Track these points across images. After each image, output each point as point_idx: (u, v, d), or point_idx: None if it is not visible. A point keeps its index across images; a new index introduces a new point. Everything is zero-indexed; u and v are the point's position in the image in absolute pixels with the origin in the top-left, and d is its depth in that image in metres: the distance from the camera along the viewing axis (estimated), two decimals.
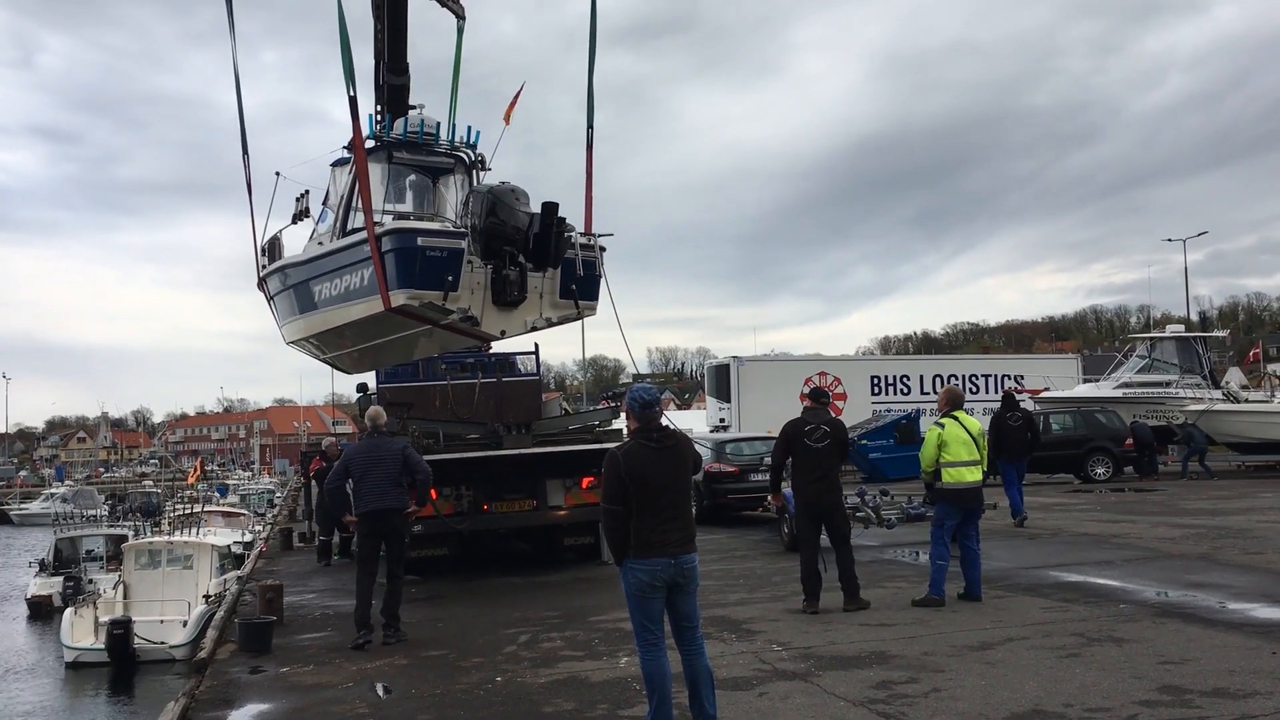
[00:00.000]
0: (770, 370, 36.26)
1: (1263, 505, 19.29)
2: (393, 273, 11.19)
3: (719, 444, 20.55)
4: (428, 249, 11.26)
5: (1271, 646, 7.82)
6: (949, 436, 10.15)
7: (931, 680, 7.27)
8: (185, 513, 30.03)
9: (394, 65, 13.44)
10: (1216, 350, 33.48)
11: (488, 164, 13.73)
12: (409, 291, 11.18)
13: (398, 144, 12.85)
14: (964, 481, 10.18)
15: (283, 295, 13.70)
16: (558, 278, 12.35)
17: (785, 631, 9.22)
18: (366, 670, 8.65)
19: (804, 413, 10.59)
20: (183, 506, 32.92)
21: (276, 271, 13.75)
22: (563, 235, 11.94)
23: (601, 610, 10.72)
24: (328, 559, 16.58)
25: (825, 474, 10.18)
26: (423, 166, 13.56)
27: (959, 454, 10.14)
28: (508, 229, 11.56)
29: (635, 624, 6.07)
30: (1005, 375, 38.43)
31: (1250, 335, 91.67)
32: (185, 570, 22.58)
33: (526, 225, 11.68)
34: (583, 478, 13.55)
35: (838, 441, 10.27)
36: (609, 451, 6.19)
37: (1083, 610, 9.59)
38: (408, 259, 11.19)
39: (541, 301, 12.34)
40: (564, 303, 12.51)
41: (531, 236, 11.68)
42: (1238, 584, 10.73)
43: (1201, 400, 28.40)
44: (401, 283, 11.16)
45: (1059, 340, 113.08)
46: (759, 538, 16.66)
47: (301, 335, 13.48)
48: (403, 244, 11.25)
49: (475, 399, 15.19)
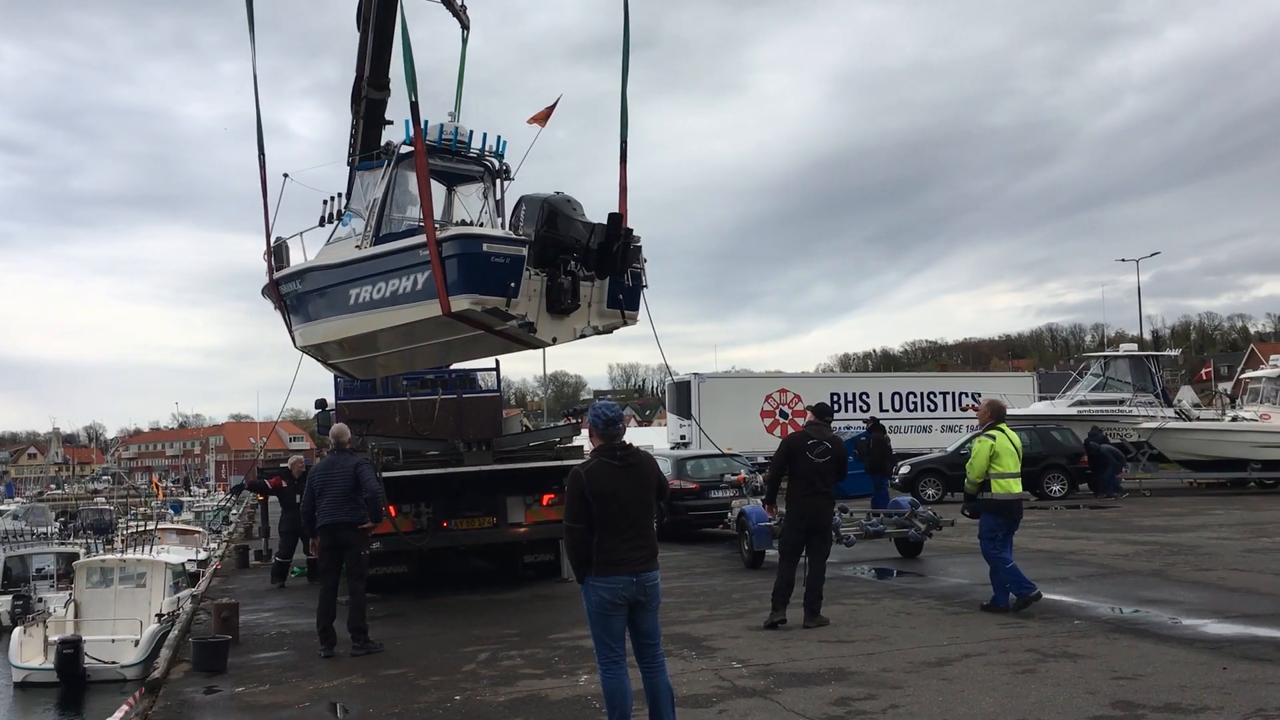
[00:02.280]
0: (731, 387, 36.41)
1: (1214, 522, 19.60)
2: (456, 277, 11.12)
3: (679, 461, 20.59)
4: (492, 255, 11.22)
5: (1222, 662, 7.95)
6: (1000, 448, 10.38)
7: (890, 697, 7.32)
8: (138, 530, 29.57)
9: (376, 79, 13.41)
10: (1169, 369, 34.08)
11: (512, 174, 13.72)
12: (472, 296, 11.11)
13: (432, 150, 12.85)
14: (1012, 493, 10.43)
15: (304, 298, 13.43)
16: (606, 287, 12.40)
17: (745, 648, 9.24)
18: (324, 689, 8.56)
19: (807, 426, 10.76)
20: (136, 524, 32.41)
21: (295, 275, 13.51)
22: (629, 246, 12.09)
23: (561, 628, 10.69)
24: (282, 580, 16.25)
25: (823, 489, 10.26)
26: (454, 174, 13.54)
27: (1008, 465, 10.38)
28: (567, 238, 11.77)
29: (596, 641, 6.07)
30: (963, 393, 38.86)
31: (1202, 354, 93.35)
32: (138, 589, 22.20)
33: (587, 234, 11.87)
34: (543, 495, 13.53)
35: (837, 458, 10.35)
36: (572, 470, 6.20)
37: (1038, 626, 9.70)
38: (472, 264, 11.14)
39: (590, 310, 12.40)
40: (610, 311, 12.53)
41: (597, 246, 11.85)
42: (1189, 600, 10.90)
43: (1154, 418, 28.84)
44: (465, 287, 11.09)
45: (1015, 358, 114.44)
46: (719, 555, 16.70)
47: (326, 339, 13.19)
48: (468, 249, 11.20)
49: (435, 415, 15.12)
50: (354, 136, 13.73)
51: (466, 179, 13.69)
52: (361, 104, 13.60)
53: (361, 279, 12.25)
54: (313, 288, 13.18)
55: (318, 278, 13.10)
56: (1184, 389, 38.69)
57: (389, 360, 13.49)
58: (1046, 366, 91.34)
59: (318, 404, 19.21)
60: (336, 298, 12.66)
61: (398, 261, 11.85)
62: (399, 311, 11.81)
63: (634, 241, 12.19)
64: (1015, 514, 10.59)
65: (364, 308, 12.23)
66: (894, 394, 38.41)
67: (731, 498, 17.36)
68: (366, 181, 13.15)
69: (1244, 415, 29.26)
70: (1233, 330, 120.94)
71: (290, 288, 13.63)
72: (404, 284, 11.71)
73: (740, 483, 18.18)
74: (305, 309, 13.45)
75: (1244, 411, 29.76)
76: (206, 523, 45.14)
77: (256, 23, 13.74)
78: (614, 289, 12.40)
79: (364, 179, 13.25)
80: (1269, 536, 16.82)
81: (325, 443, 10.20)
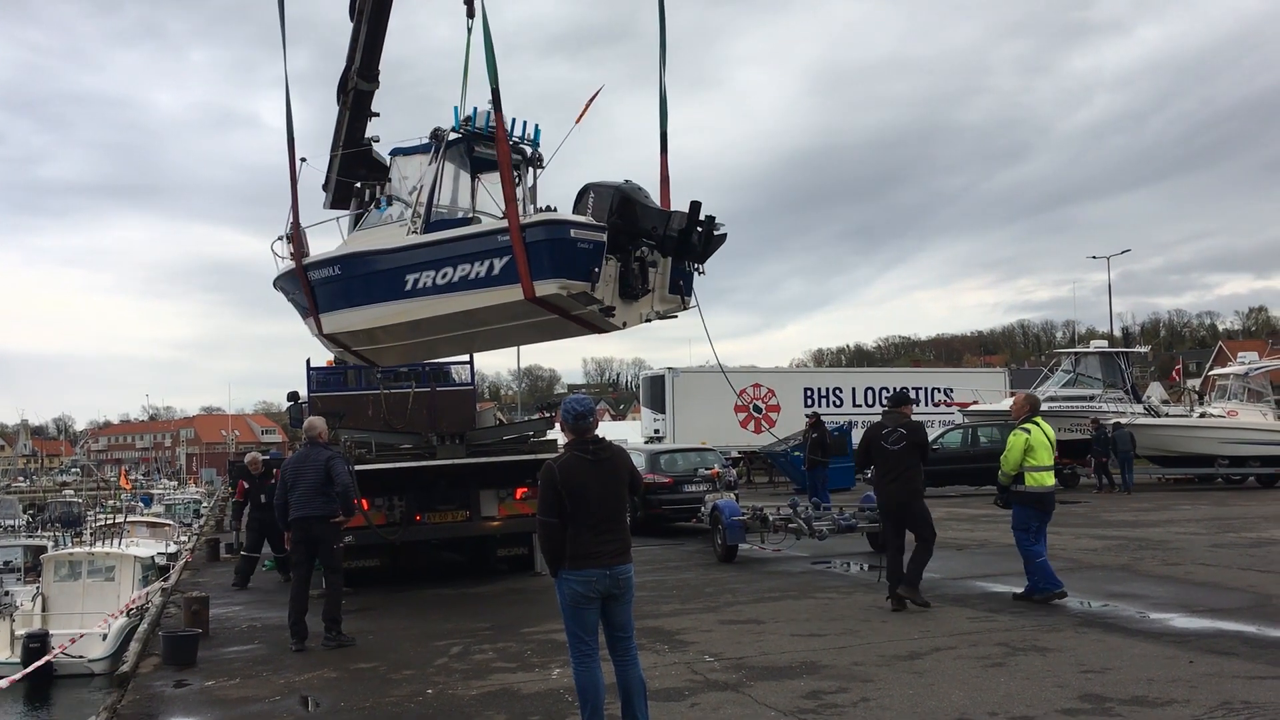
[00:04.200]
0: (705, 382, 36.44)
1: (1181, 517, 19.83)
2: (543, 262, 11.26)
3: (654, 455, 20.61)
4: (578, 240, 11.36)
5: (1189, 655, 8.04)
6: (1035, 441, 10.50)
7: (861, 690, 7.36)
8: (108, 523, 29.34)
9: (366, 71, 13.33)
10: (1138, 365, 34.36)
11: (544, 162, 13.72)
12: (559, 281, 11.24)
13: (479, 136, 12.83)
14: (1045, 485, 10.56)
15: (345, 284, 13.19)
16: (668, 272, 12.50)
17: (718, 642, 9.27)
18: (295, 683, 8.52)
19: (883, 416, 10.98)
20: (105, 516, 32.15)
21: (333, 261, 13.31)
22: (713, 232, 12.14)
23: (534, 621, 10.68)
24: (244, 581, 15.26)
25: (900, 474, 10.53)
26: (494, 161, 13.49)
27: (1043, 459, 10.50)
28: (643, 224, 11.90)
29: (569, 635, 6.07)
30: (936, 388, 39.14)
31: (1171, 351, 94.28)
32: (107, 582, 22.04)
33: (661, 221, 11.99)
34: (516, 488, 13.50)
35: (913, 443, 10.57)
36: (545, 464, 6.19)
37: (1008, 620, 9.78)
38: (560, 249, 11.28)
39: (653, 295, 12.49)
40: (672, 297, 12.63)
41: (677, 232, 11.94)
42: (1157, 594, 11.02)
43: (1124, 414, 29.10)
44: (552, 272, 11.22)
45: (987, 354, 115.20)
46: (693, 549, 16.73)
47: (369, 325, 13.02)
48: (555, 234, 11.33)
49: (408, 409, 15.06)
50: (339, 127, 13.62)
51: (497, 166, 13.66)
52: (349, 95, 13.50)
53: (423, 264, 12.18)
54: (357, 273, 12.98)
55: (363, 263, 12.91)
56: (1153, 385, 39.08)
57: (436, 346, 13.50)
58: (1018, 362, 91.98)
59: (290, 397, 19.09)
60: (389, 283, 12.51)
61: (471, 247, 11.91)
62: (470, 296, 11.86)
63: (717, 228, 12.24)
64: (1048, 506, 10.71)
65: (425, 293, 12.17)
66: (867, 389, 38.61)
67: (705, 492, 17.39)
68: (408, 167, 13.08)
69: (1212, 412, 29.60)
70: (1201, 328, 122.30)
71: (325, 273, 13.39)
72: (477, 269, 11.75)
73: (714, 477, 18.24)
74: (344, 295, 13.20)
75: (1212, 408, 30.11)
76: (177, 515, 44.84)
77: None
78: (675, 275, 12.55)
79: (403, 165, 13.17)
80: (1235, 532, 17.04)
81: (299, 436, 10.16)
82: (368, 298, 12.80)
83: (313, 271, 13.41)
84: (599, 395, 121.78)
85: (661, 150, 13.04)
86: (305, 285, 13.42)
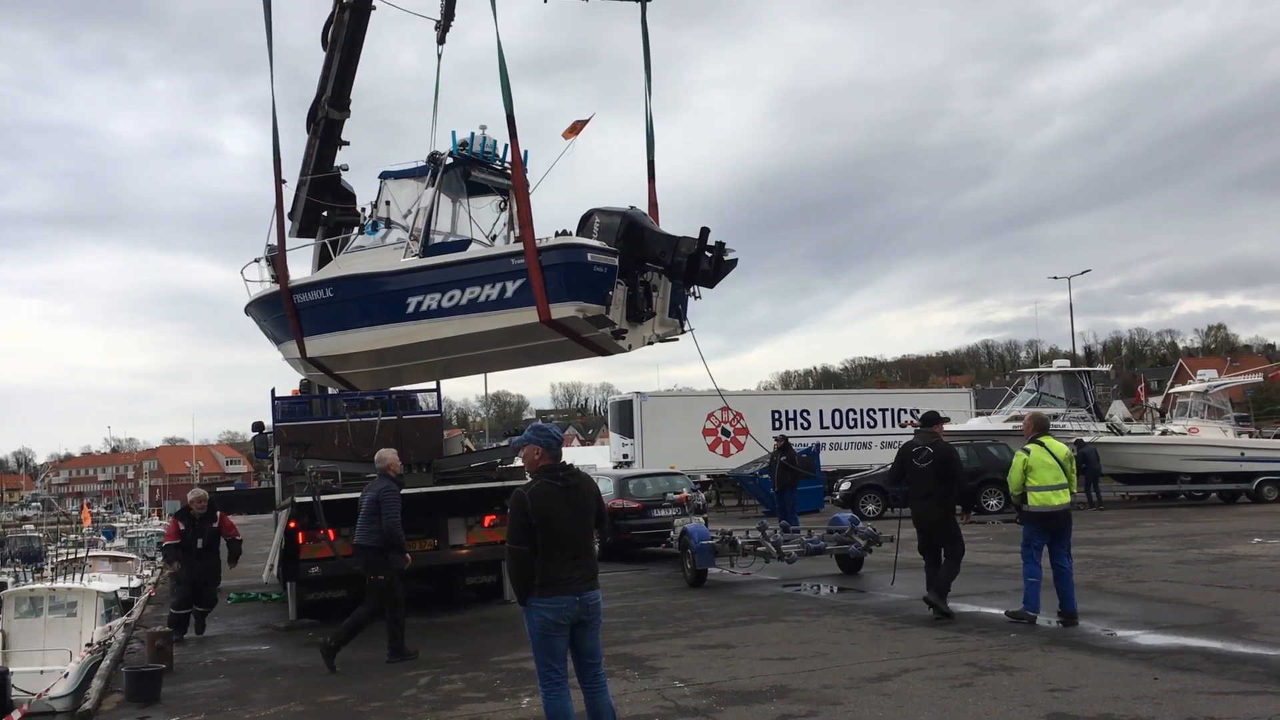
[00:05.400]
0: (673, 406, 36.49)
1: (1145, 534, 20.05)
2: (560, 285, 11.44)
3: (622, 480, 20.58)
4: (595, 264, 11.55)
5: (1154, 672, 8.12)
6: (1034, 462, 10.63)
7: (830, 713, 7.37)
8: (69, 557, 28.85)
9: (338, 100, 13.32)
10: (1101, 384, 34.76)
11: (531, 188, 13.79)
12: (576, 304, 11.46)
13: (474, 161, 12.85)
14: (1049, 505, 10.61)
15: (336, 307, 13.08)
16: (669, 296, 12.70)
17: (688, 668, 9.26)
18: (261, 718, 8.42)
19: (915, 434, 11.43)
20: (66, 551, 31.62)
21: (324, 284, 13.21)
22: (723, 257, 12.29)
23: (503, 650, 10.62)
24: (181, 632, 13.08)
25: (931, 492, 11.02)
26: (490, 187, 13.63)
27: (1044, 478, 10.58)
28: (651, 249, 12.13)
29: (539, 663, 6.06)
30: (902, 409, 39.33)
31: (1133, 370, 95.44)
32: (68, 618, 21.63)
33: (671, 246, 12.18)
34: (485, 516, 13.45)
35: (940, 461, 10.97)
36: (515, 491, 6.18)
37: (975, 640, 9.83)
38: (577, 273, 11.47)
39: (654, 319, 12.70)
40: (671, 321, 12.86)
41: (686, 257, 12.11)
42: (1122, 611, 11.12)
43: (1086, 433, 29.41)
44: (569, 295, 11.44)
45: (953, 374, 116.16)
46: (662, 574, 16.71)
47: (362, 348, 12.99)
48: (572, 258, 11.52)
49: (375, 437, 14.97)
50: (309, 154, 13.58)
51: (494, 191, 13.77)
52: (320, 124, 13.47)
53: (427, 287, 12.22)
54: (352, 295, 12.94)
55: (360, 285, 12.87)
56: (1115, 403, 39.46)
57: (435, 367, 13.58)
58: (983, 382, 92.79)
59: (255, 427, 18.93)
60: (389, 306, 12.53)
61: (481, 270, 12.01)
62: (480, 319, 11.96)
63: (728, 253, 12.37)
64: (1054, 524, 10.69)
65: (429, 315, 12.22)
66: (834, 411, 38.79)
67: (674, 516, 17.39)
68: (400, 191, 13.06)
69: (1173, 429, 29.96)
70: (1162, 345, 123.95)
71: (314, 296, 13.30)
72: (488, 291, 11.86)
73: (683, 501, 18.22)
74: (336, 318, 13.11)
75: (1173, 426, 30.48)
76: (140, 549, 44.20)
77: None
78: (674, 300, 12.73)
79: (394, 188, 13.17)
80: (1198, 548, 17.24)
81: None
82: (365, 320, 12.80)
83: (300, 295, 13.32)
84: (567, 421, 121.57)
85: (649, 178, 13.36)
86: (290, 308, 13.30)
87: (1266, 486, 28.35)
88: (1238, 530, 20.06)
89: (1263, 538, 18.31)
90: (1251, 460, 28.80)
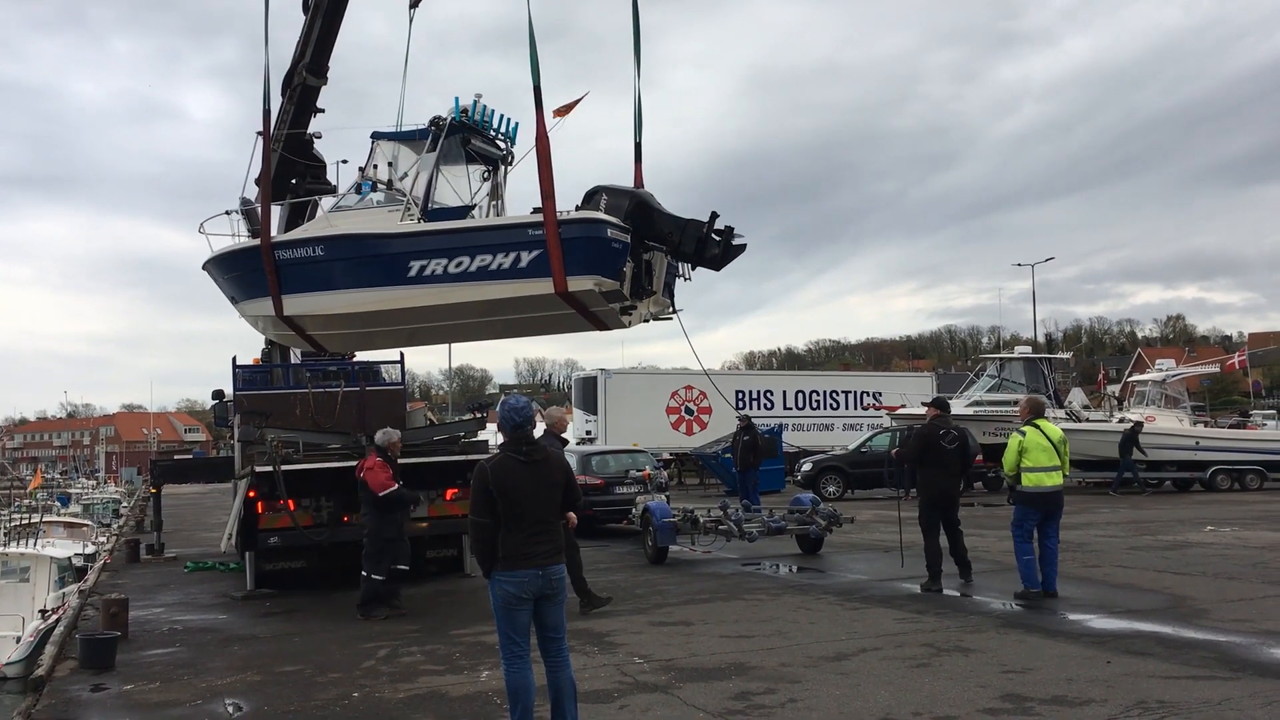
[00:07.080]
0: (637, 383, 36.52)
1: (1100, 520, 20.32)
2: (579, 259, 11.53)
3: (585, 457, 20.58)
4: (613, 240, 11.65)
5: (1107, 656, 8.24)
6: (1029, 443, 10.90)
7: (789, 691, 7.43)
8: (22, 523, 28.48)
9: (316, 66, 13.13)
10: (1061, 371, 35.12)
11: (516, 160, 13.70)
12: (594, 278, 11.57)
13: (472, 129, 12.72)
14: (1043, 486, 10.91)
15: (323, 266, 12.86)
16: (664, 275, 12.74)
17: (648, 644, 9.29)
18: (217, 687, 8.36)
19: (935, 420, 12.06)
20: (19, 516, 31.21)
21: (313, 242, 12.95)
22: (731, 241, 12.31)
23: (463, 624, 10.60)
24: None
25: (956, 471, 12.01)
26: (484, 156, 13.55)
27: (1039, 460, 10.86)
28: (659, 229, 12.20)
29: (501, 636, 6.05)
30: (864, 392, 39.64)
31: (1092, 358, 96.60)
32: (21, 584, 21.39)
33: (679, 227, 12.23)
34: (447, 489, 13.40)
35: (963, 444, 11.88)
36: (478, 465, 6.17)
37: (933, 621, 9.94)
38: (597, 247, 11.58)
39: (651, 298, 12.75)
40: (664, 300, 12.93)
41: (695, 239, 12.18)
42: (1076, 596, 11.27)
43: None
44: (588, 269, 11.54)
45: (915, 359, 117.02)
46: (623, 550, 16.75)
47: (354, 309, 12.80)
48: (593, 233, 11.64)
49: (337, 408, 14.85)
50: (282, 120, 13.35)
51: (481, 160, 13.65)
52: (295, 89, 13.24)
53: (432, 252, 12.14)
54: (345, 255, 12.76)
55: (356, 245, 12.69)
56: (1074, 390, 39.88)
57: (426, 333, 13.51)
58: (945, 367, 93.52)
59: (215, 395, 18.73)
60: (388, 268, 12.40)
61: (494, 238, 12.02)
62: (490, 286, 11.93)
63: (736, 237, 12.37)
64: (1046, 505, 11.02)
65: (432, 281, 12.15)
66: (798, 392, 39.01)
67: (636, 494, 17.42)
68: (396, 153, 12.94)
69: (1131, 417, 30.33)
70: (1121, 335, 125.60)
71: (300, 253, 13.04)
72: (501, 260, 11.84)
73: (645, 479, 18.26)
74: (324, 278, 12.89)
75: (1131, 413, 30.85)
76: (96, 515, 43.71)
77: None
78: (668, 279, 12.82)
79: (387, 149, 13.02)
80: (1152, 535, 17.51)
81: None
82: (358, 281, 12.65)
83: (283, 251, 13.08)
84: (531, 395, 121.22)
85: (636, 159, 13.33)
86: (269, 264, 13.08)
87: (1220, 475, 28.82)
88: (1191, 518, 20.37)
89: (1215, 526, 18.62)
90: (1206, 449, 29.26)
